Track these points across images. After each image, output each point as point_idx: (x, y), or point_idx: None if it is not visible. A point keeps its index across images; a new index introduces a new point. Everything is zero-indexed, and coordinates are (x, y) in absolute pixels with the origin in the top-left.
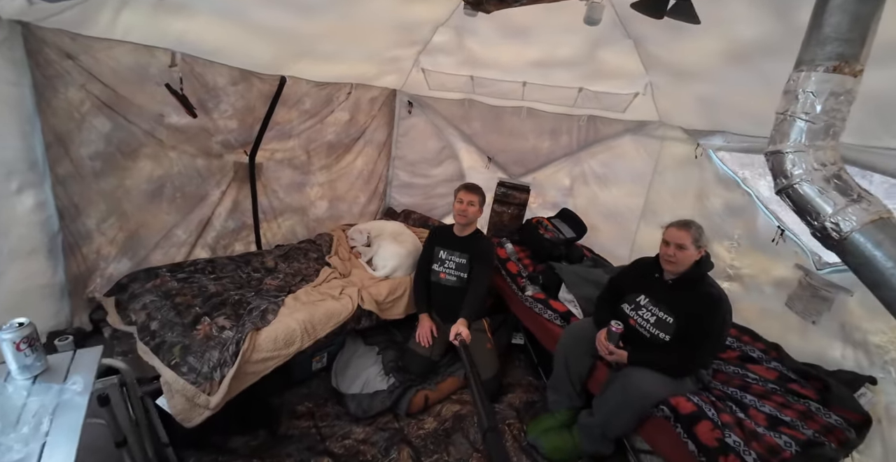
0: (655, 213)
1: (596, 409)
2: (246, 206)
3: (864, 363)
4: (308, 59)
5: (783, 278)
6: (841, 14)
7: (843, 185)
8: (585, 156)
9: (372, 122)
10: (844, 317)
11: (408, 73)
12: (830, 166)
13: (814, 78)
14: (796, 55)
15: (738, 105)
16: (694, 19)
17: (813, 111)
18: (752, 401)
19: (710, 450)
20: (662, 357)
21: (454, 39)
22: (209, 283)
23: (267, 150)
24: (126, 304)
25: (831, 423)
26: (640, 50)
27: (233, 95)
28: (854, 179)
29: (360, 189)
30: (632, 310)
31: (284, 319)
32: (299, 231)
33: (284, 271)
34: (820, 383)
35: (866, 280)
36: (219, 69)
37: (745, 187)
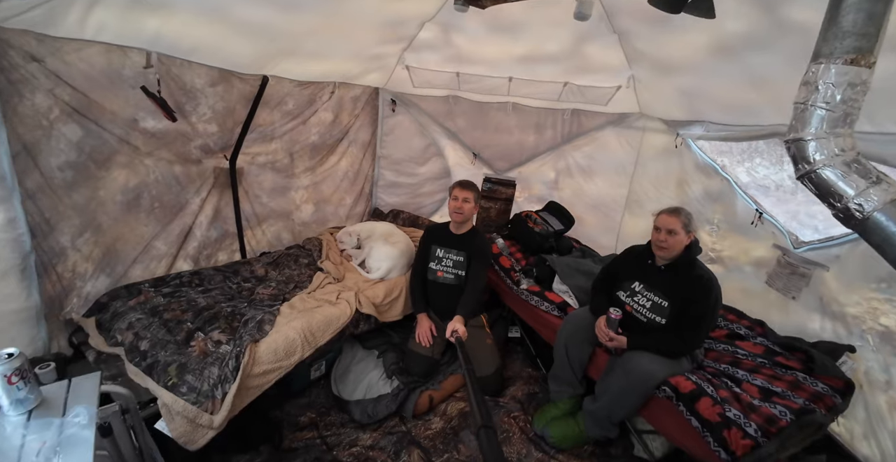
0: (639, 203)
1: (599, 394)
2: (228, 213)
3: (842, 333)
4: (292, 57)
5: (762, 258)
6: (857, 12)
7: (862, 169)
8: (569, 149)
9: (355, 121)
10: (822, 291)
11: (392, 70)
12: (850, 151)
13: (833, 70)
14: (780, 47)
15: (719, 96)
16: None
17: (833, 100)
18: (745, 375)
19: (714, 425)
20: (660, 339)
21: (441, 36)
22: (198, 297)
23: (248, 153)
24: (109, 325)
25: (819, 390)
26: (625, 44)
27: (212, 97)
28: (871, 163)
29: (345, 191)
30: (627, 296)
31: (283, 329)
32: (285, 237)
33: (276, 279)
34: (804, 354)
35: (889, 256)
36: (197, 70)
37: (723, 174)
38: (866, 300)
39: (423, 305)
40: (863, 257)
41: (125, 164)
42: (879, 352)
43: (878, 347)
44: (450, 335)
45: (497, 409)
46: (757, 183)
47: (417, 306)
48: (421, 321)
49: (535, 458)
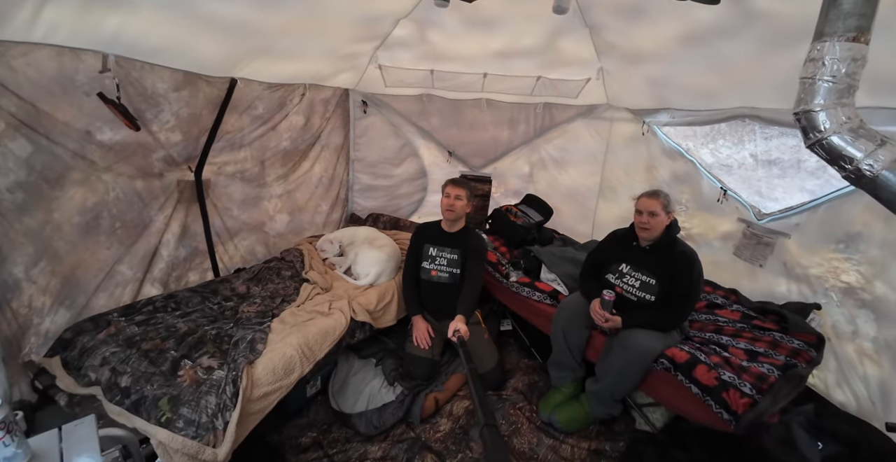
0: (612, 189)
1: (601, 374)
2: (196, 229)
3: (807, 293)
4: (263, 57)
5: (729, 232)
6: None
7: (867, 133)
8: (541, 142)
9: (327, 124)
10: (785, 257)
11: (363, 70)
12: (855, 119)
13: (838, 47)
14: (746, 34)
15: (685, 83)
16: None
17: (839, 74)
18: (729, 341)
19: (712, 389)
20: (653, 315)
21: (415, 33)
22: (177, 322)
23: (215, 163)
24: (78, 363)
25: (796, 347)
26: (595, 37)
27: (176, 103)
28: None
29: (320, 197)
30: (616, 278)
31: (277, 346)
32: (259, 250)
33: (260, 295)
34: (777, 316)
35: None
36: (160, 73)
37: (688, 157)
38: (827, 261)
39: (418, 307)
40: (820, 223)
41: (81, 182)
42: (843, 306)
43: (841, 302)
44: (451, 335)
45: (501, 402)
46: (721, 163)
47: (412, 308)
48: (417, 323)
49: (547, 446)
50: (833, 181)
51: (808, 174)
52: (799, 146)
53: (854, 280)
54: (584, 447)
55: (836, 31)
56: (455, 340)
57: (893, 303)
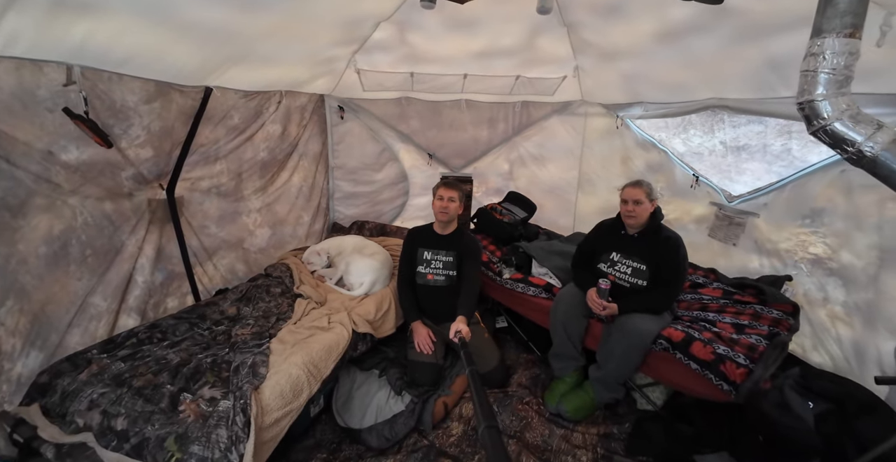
0: (590, 182)
1: (603, 360)
2: (172, 251)
3: (778, 266)
4: (241, 64)
5: (702, 215)
6: None
7: (865, 119)
8: (520, 140)
9: (304, 132)
10: (756, 235)
11: (340, 75)
12: (853, 106)
13: (837, 43)
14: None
15: (659, 78)
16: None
17: (838, 67)
18: (715, 316)
19: (710, 363)
20: (646, 299)
21: (396, 35)
22: (166, 353)
23: (188, 179)
24: (62, 409)
25: (776, 317)
26: (572, 35)
27: (147, 116)
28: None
29: (302, 208)
30: (609, 267)
31: (281, 368)
32: (240, 268)
33: (252, 315)
34: (754, 290)
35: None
36: (129, 84)
37: (661, 147)
38: (794, 235)
39: (417, 312)
40: (786, 201)
41: (46, 208)
42: (813, 275)
43: (811, 272)
44: (453, 336)
45: (508, 399)
46: (692, 151)
47: (411, 314)
48: (418, 329)
49: (559, 436)
50: (797, 162)
51: (774, 157)
52: (765, 132)
53: (821, 251)
54: (594, 433)
55: (834, 28)
56: (457, 342)
57: (860, 269)
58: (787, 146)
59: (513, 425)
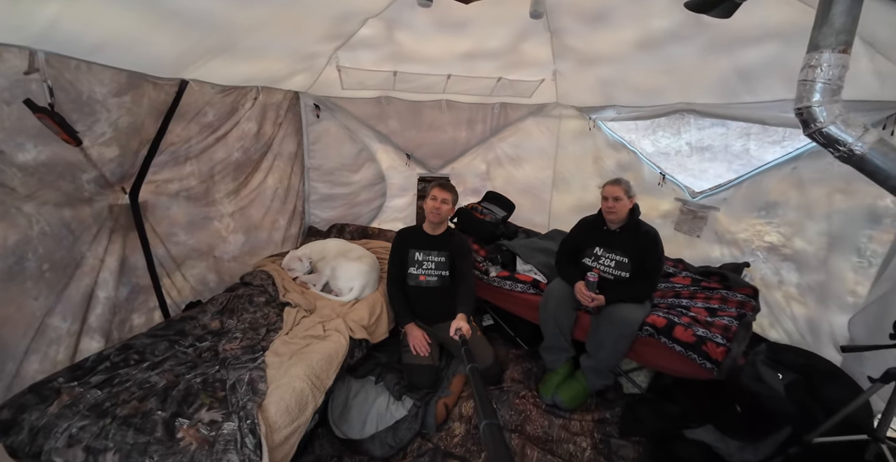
0: (564, 181)
1: (593, 350)
2: (136, 262)
3: (737, 255)
4: (222, 56)
5: (668, 210)
6: (845, 16)
7: (854, 123)
8: (496, 140)
9: (279, 131)
10: (716, 227)
11: (319, 71)
12: (844, 112)
13: (832, 57)
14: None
15: (634, 83)
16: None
17: (833, 78)
18: (688, 302)
19: (693, 345)
20: (630, 289)
21: (383, 33)
22: (148, 376)
23: (155, 181)
24: (33, 447)
25: (740, 299)
26: (555, 40)
27: (115, 111)
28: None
29: (277, 212)
30: (593, 261)
31: (282, 382)
32: (211, 279)
33: (238, 328)
34: (718, 276)
35: (877, 179)
36: (99, 74)
37: (630, 148)
38: (751, 226)
39: (410, 315)
40: (744, 196)
41: None
42: (768, 261)
43: (767, 258)
44: (453, 333)
45: (505, 394)
46: (660, 151)
47: (403, 317)
48: (412, 331)
49: (558, 426)
50: (754, 161)
51: (734, 156)
52: (727, 134)
53: (776, 239)
54: (589, 419)
55: (830, 44)
56: (457, 339)
57: (811, 254)
58: (746, 146)
59: (513, 419)
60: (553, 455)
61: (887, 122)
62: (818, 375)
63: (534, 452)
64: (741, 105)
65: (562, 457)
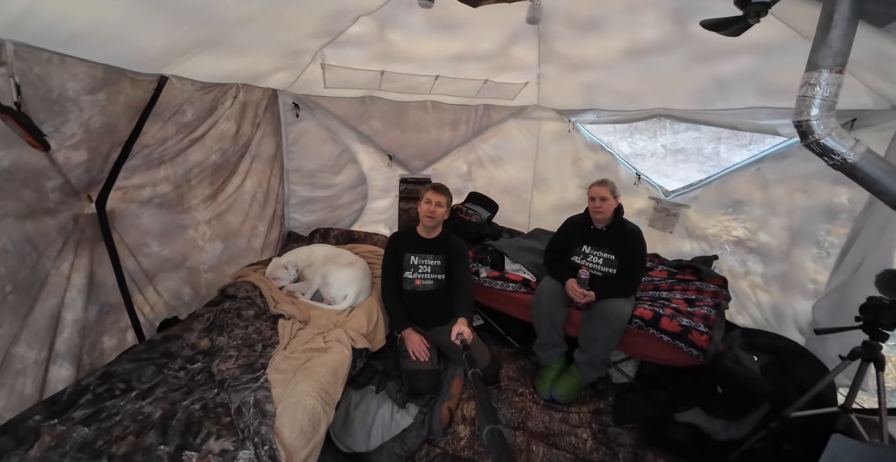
0: (545, 181)
1: (586, 344)
2: (105, 277)
3: (706, 248)
4: (210, 51)
5: (643, 208)
6: (841, 40)
7: (846, 135)
8: (478, 141)
9: (257, 131)
10: (687, 223)
11: (303, 69)
12: (837, 126)
13: (830, 76)
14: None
15: (617, 88)
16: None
17: (829, 95)
18: (668, 295)
19: (679, 334)
20: (617, 285)
21: (374, 31)
22: (140, 406)
23: (124, 187)
24: None
25: (714, 290)
26: (542, 45)
27: (88, 109)
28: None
29: (256, 217)
30: (581, 259)
31: (291, 400)
32: (186, 292)
33: (230, 346)
34: (691, 269)
35: (866, 185)
36: (73, 68)
37: (608, 149)
38: (720, 222)
39: (407, 320)
40: (713, 194)
41: None
42: (735, 253)
43: (734, 251)
44: (454, 338)
45: (503, 393)
46: (636, 153)
47: (400, 323)
48: (410, 336)
49: (558, 419)
50: (723, 163)
51: (706, 158)
52: (699, 137)
53: (742, 234)
54: (586, 411)
55: (828, 65)
56: (458, 343)
57: (774, 246)
58: (717, 149)
59: (515, 417)
60: (558, 448)
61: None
62: (789, 356)
63: (539, 448)
64: (715, 111)
65: (566, 449)
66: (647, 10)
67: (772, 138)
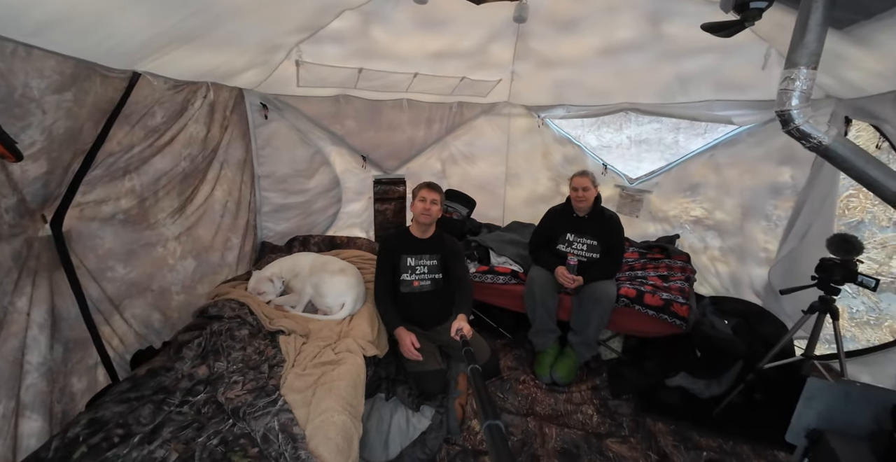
0: (516, 176)
1: (579, 326)
2: (67, 310)
3: (668, 229)
4: (190, 45)
5: (610, 196)
6: (816, 42)
7: (820, 122)
8: (451, 139)
9: (224, 134)
10: (650, 207)
11: (276, 66)
12: (812, 115)
13: (807, 72)
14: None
15: (588, 85)
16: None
17: (805, 89)
18: (643, 273)
19: (662, 307)
20: (603, 268)
21: (357, 27)
22: (150, 451)
23: (84, 203)
24: None
25: (680, 265)
26: (519, 43)
27: (53, 112)
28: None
29: (229, 229)
30: (567, 247)
31: (318, 420)
32: (156, 318)
33: (232, 371)
34: (658, 248)
35: (839, 165)
36: (40, 62)
37: (576, 142)
38: (679, 204)
39: (399, 319)
40: (673, 180)
41: None
42: (694, 231)
43: (693, 229)
44: (454, 334)
45: (506, 383)
46: (603, 145)
47: (394, 323)
48: (402, 337)
49: (562, 400)
50: (681, 151)
51: (666, 147)
52: (661, 128)
53: (700, 213)
54: (585, 388)
55: (805, 63)
56: (458, 340)
57: (729, 222)
58: (676, 139)
59: (523, 405)
60: (568, 427)
61: None
62: (753, 317)
63: (552, 430)
64: (676, 105)
65: (576, 427)
66: (625, 11)
67: (724, 127)
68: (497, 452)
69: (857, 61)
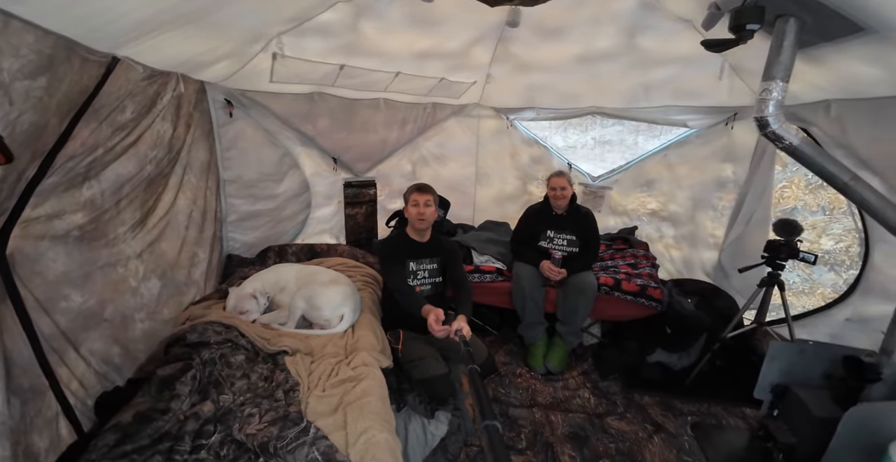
0: (486, 176)
1: (567, 317)
2: (19, 353)
3: (628, 222)
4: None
5: None
6: (789, 59)
7: (790, 127)
8: (422, 140)
9: (188, 134)
10: (611, 202)
11: (249, 59)
12: (784, 121)
13: (781, 85)
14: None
15: (559, 89)
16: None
17: (779, 99)
18: (614, 263)
19: (639, 292)
20: (583, 260)
21: (347, 19)
22: None
23: (32, 219)
24: None
25: (643, 253)
26: (500, 46)
27: (21, 102)
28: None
29: (195, 242)
30: (548, 243)
31: (359, 442)
32: (115, 353)
33: (242, 402)
34: (621, 240)
35: (804, 162)
36: (16, 36)
37: (542, 143)
38: (637, 199)
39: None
40: (631, 176)
41: None
42: (651, 223)
43: (650, 221)
44: (454, 334)
45: (504, 378)
46: (569, 146)
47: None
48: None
49: (560, 388)
50: (639, 150)
51: (626, 148)
52: (623, 130)
53: (655, 207)
54: (576, 374)
55: (780, 76)
56: (457, 340)
57: (681, 213)
58: (636, 140)
59: (525, 397)
60: (571, 412)
61: (728, 120)
62: (710, 294)
63: (557, 417)
64: (638, 109)
65: (578, 411)
66: (608, 23)
67: (677, 129)
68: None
69: (801, 75)
